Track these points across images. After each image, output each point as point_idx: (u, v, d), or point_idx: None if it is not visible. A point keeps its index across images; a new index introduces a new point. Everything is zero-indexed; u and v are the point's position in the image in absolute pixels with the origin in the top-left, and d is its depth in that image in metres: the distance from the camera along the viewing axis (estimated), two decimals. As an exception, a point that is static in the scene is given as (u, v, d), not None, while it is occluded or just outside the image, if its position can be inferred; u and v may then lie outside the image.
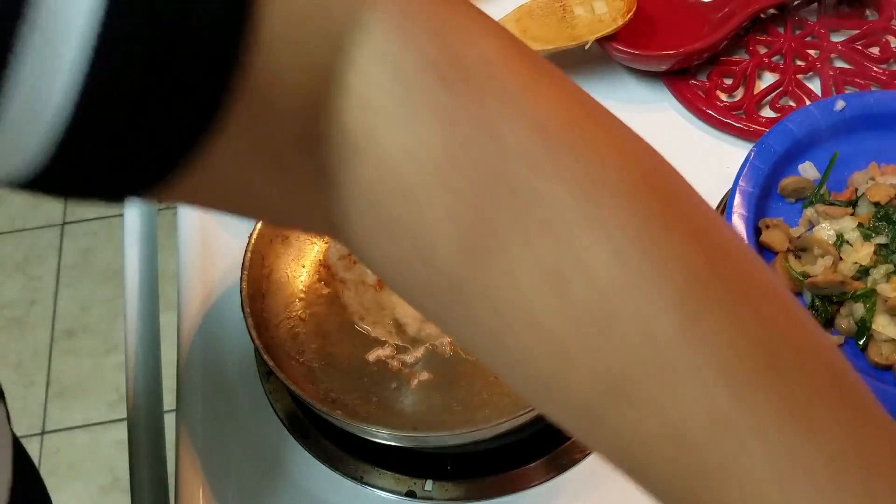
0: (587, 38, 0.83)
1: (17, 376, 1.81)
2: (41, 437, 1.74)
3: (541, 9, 0.85)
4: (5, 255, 1.98)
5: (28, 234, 2.01)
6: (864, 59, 0.87)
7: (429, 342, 0.69)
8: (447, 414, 0.65)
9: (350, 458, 0.65)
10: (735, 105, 0.84)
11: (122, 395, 1.73)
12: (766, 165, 0.74)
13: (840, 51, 0.88)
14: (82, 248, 1.99)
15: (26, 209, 2.04)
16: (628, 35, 0.84)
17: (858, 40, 0.89)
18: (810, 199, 0.74)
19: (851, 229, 0.70)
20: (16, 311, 1.90)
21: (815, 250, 0.70)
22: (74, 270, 1.95)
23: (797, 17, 0.91)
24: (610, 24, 0.83)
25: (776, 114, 0.84)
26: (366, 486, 0.64)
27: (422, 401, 0.66)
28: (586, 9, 0.85)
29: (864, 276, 0.68)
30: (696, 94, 0.85)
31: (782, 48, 0.88)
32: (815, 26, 0.90)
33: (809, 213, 0.73)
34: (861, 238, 0.69)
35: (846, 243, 0.70)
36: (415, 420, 0.65)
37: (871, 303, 0.67)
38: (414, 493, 0.64)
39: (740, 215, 0.71)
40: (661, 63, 0.85)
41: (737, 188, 0.72)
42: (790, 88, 0.85)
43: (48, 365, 1.82)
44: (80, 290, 1.92)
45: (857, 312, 0.67)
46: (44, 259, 1.97)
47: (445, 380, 0.67)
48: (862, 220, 0.70)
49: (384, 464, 0.65)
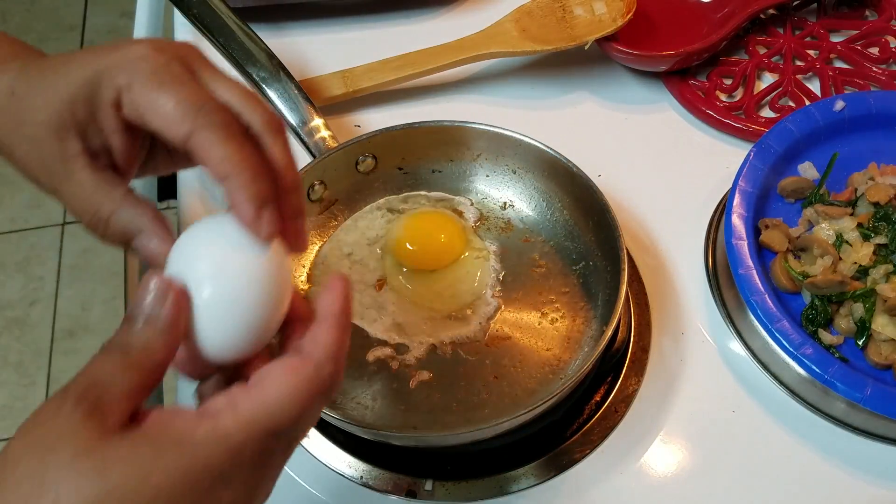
0: (587, 39, 0.83)
1: (18, 376, 1.81)
2: (41, 437, 1.74)
3: (540, 9, 0.85)
4: (6, 255, 1.98)
5: (28, 234, 2.01)
6: (863, 60, 0.87)
7: (429, 342, 0.69)
8: (447, 414, 0.65)
9: (350, 458, 0.65)
10: (735, 105, 0.84)
11: (122, 395, 1.73)
12: (766, 165, 0.74)
13: (839, 51, 0.88)
14: (82, 248, 1.98)
15: (26, 209, 2.04)
16: (628, 35, 0.84)
17: (858, 40, 0.89)
18: (810, 199, 0.74)
19: (851, 229, 0.70)
20: (16, 311, 1.90)
21: (815, 250, 0.70)
22: (74, 270, 1.95)
23: (797, 18, 0.91)
24: (610, 25, 0.83)
25: (776, 114, 0.84)
26: (366, 486, 0.64)
27: (422, 401, 0.66)
28: (586, 9, 0.85)
29: (864, 276, 0.68)
30: (696, 95, 0.85)
31: (782, 48, 0.88)
32: (814, 27, 0.90)
33: (809, 213, 0.73)
34: (860, 238, 0.70)
35: (846, 243, 0.70)
36: (415, 420, 0.65)
37: (870, 303, 0.67)
38: (414, 493, 0.64)
39: (740, 215, 0.71)
40: (660, 63, 0.85)
41: (736, 188, 0.72)
42: (790, 88, 0.85)
43: (48, 365, 1.82)
44: (81, 290, 1.92)
45: (857, 312, 0.67)
46: (44, 259, 1.97)
47: (445, 380, 0.67)
48: (861, 220, 0.70)
49: (384, 464, 0.65)
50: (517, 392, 0.66)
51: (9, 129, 0.47)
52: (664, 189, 0.79)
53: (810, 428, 0.67)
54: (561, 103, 0.86)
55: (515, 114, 0.85)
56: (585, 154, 0.74)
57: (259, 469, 0.38)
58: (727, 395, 0.68)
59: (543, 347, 0.69)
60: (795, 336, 0.65)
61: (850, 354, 0.67)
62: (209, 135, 0.42)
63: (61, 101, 0.45)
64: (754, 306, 0.67)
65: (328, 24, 0.92)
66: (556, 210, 0.75)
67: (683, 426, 0.67)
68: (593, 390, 0.68)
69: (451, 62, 0.84)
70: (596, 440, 0.66)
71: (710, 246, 0.75)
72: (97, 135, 0.46)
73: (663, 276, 0.74)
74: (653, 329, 0.71)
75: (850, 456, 0.66)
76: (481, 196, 0.77)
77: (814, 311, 0.68)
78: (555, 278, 0.72)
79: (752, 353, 0.70)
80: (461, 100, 0.86)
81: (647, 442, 0.66)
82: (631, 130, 0.84)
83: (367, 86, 0.84)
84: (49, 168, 0.46)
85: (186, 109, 0.42)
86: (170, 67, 0.44)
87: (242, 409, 0.38)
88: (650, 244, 0.76)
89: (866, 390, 0.63)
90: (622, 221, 0.68)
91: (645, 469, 0.65)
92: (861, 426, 0.66)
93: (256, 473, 0.38)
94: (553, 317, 0.70)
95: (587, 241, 0.72)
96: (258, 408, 0.38)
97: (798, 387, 0.68)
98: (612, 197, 0.70)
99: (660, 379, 0.69)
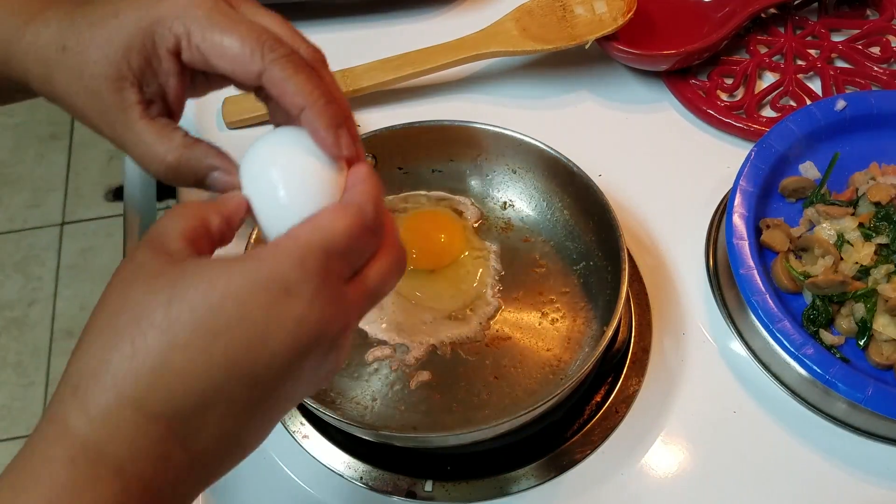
0: (587, 38, 0.83)
1: (17, 376, 1.81)
2: (41, 437, 1.74)
3: (541, 8, 0.85)
4: (5, 255, 1.98)
5: (27, 234, 2.01)
6: (864, 59, 0.87)
7: (429, 342, 0.68)
8: (447, 414, 0.65)
9: (350, 458, 0.65)
10: (735, 105, 0.84)
11: (121, 395, 1.72)
12: (767, 165, 0.73)
13: (841, 50, 0.88)
14: (82, 248, 1.98)
15: (26, 209, 2.04)
16: (628, 35, 0.84)
17: (859, 40, 0.89)
18: (811, 199, 0.74)
19: (852, 229, 0.70)
20: (15, 311, 1.89)
21: (816, 250, 0.70)
22: (74, 270, 1.95)
23: (798, 17, 0.91)
24: (610, 24, 0.83)
25: (777, 113, 0.84)
26: (366, 486, 0.64)
27: (422, 401, 0.66)
28: (586, 8, 0.85)
29: (865, 276, 0.68)
30: (697, 94, 0.84)
31: (783, 48, 0.88)
32: (815, 26, 0.90)
33: (810, 212, 0.73)
34: (862, 238, 0.69)
35: (847, 243, 0.70)
36: (415, 420, 0.65)
37: (871, 303, 0.67)
38: (414, 493, 0.63)
39: (741, 215, 0.71)
40: (661, 63, 0.85)
41: (737, 188, 0.72)
42: (791, 88, 0.85)
43: (48, 365, 1.82)
44: (80, 290, 1.92)
45: (858, 312, 0.67)
46: (43, 259, 1.97)
47: (445, 380, 0.67)
48: (863, 219, 0.70)
49: (384, 464, 0.65)
50: (517, 392, 0.66)
51: (65, 83, 0.50)
52: (665, 189, 0.79)
53: (811, 428, 0.67)
54: (561, 103, 0.86)
55: (515, 113, 0.85)
56: (586, 154, 0.74)
57: (324, 286, 0.40)
58: (728, 395, 0.68)
59: (544, 348, 0.68)
60: (796, 336, 0.65)
61: (851, 355, 0.67)
62: (279, 70, 0.45)
63: (116, 52, 0.47)
64: (755, 306, 0.66)
65: (328, 23, 0.92)
66: (556, 210, 0.75)
67: (684, 427, 0.67)
68: (594, 391, 0.68)
69: (452, 61, 0.84)
70: (596, 441, 0.66)
71: (711, 246, 0.75)
72: (153, 81, 0.49)
73: (664, 276, 0.74)
74: (653, 329, 0.71)
75: (851, 456, 0.66)
76: (481, 196, 0.77)
77: (815, 312, 0.68)
78: (555, 278, 0.72)
79: (753, 354, 0.70)
80: (461, 99, 0.86)
81: (647, 442, 0.66)
82: (631, 130, 0.84)
83: (367, 85, 0.84)
84: (109, 118, 0.49)
85: (252, 49, 0.45)
86: (219, 8, 0.47)
87: (300, 233, 0.41)
88: (651, 244, 0.76)
89: (867, 391, 0.63)
90: (622, 221, 0.68)
91: (646, 470, 0.65)
92: (862, 426, 0.66)
93: (323, 291, 0.40)
94: (553, 317, 0.70)
95: (587, 241, 0.72)
96: (313, 229, 0.41)
97: (799, 387, 0.67)
98: (612, 196, 0.70)
99: (660, 379, 0.69)
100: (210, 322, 0.38)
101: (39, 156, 2.12)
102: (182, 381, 0.37)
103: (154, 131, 0.48)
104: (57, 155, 2.12)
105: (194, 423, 0.38)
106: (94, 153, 2.11)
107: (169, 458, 0.38)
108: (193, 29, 0.46)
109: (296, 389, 0.41)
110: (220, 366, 0.38)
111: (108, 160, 2.09)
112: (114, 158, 2.08)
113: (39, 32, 0.51)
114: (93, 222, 2.03)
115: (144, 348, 0.37)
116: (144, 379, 0.37)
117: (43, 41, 0.51)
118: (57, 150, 2.12)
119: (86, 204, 2.05)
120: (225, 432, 0.39)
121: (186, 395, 0.38)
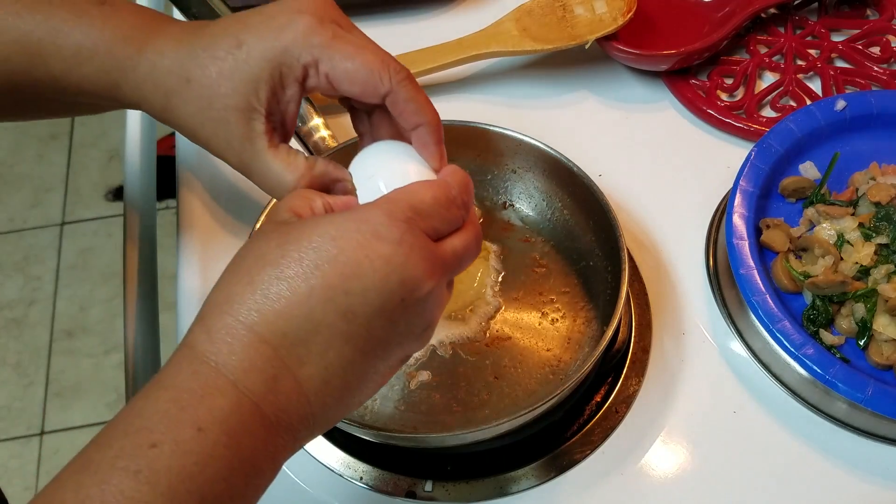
0: (587, 38, 0.83)
1: (17, 376, 1.81)
2: (40, 437, 1.74)
3: (541, 8, 0.85)
4: (5, 255, 1.98)
5: (27, 234, 2.01)
6: (864, 59, 0.87)
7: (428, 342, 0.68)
8: (447, 415, 0.65)
9: (350, 458, 0.65)
10: (735, 105, 0.84)
11: (121, 395, 1.73)
12: (767, 165, 0.73)
13: (841, 50, 0.88)
14: (82, 248, 1.98)
15: (25, 209, 2.04)
16: (628, 35, 0.84)
17: (859, 40, 0.89)
18: (811, 199, 0.74)
19: (852, 229, 0.70)
20: (15, 311, 1.89)
21: (816, 250, 0.70)
22: (74, 270, 1.95)
23: (798, 17, 0.91)
24: (610, 24, 0.83)
25: (777, 113, 0.84)
26: (366, 486, 0.64)
27: (422, 401, 0.66)
28: (586, 8, 0.85)
29: (865, 276, 0.68)
30: (697, 94, 0.84)
31: (783, 48, 0.88)
32: (815, 26, 0.90)
33: (810, 212, 0.73)
34: (862, 238, 0.69)
35: (847, 243, 0.70)
36: (415, 420, 0.65)
37: (871, 303, 0.67)
38: (414, 493, 0.63)
39: (741, 215, 0.71)
40: (661, 63, 0.85)
41: (737, 188, 0.72)
42: (791, 88, 0.85)
43: (47, 365, 1.82)
44: (80, 290, 1.92)
45: (858, 312, 0.67)
46: (43, 259, 1.97)
47: (445, 380, 0.67)
48: (863, 219, 0.70)
49: (384, 464, 0.65)
50: (517, 393, 0.66)
51: (190, 113, 0.52)
52: (665, 189, 0.79)
53: (811, 428, 0.67)
54: (561, 103, 0.86)
55: (515, 113, 0.85)
56: (586, 154, 0.74)
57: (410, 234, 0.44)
58: (728, 395, 0.68)
59: (544, 348, 0.68)
60: (797, 336, 0.65)
61: (851, 355, 0.67)
62: (403, 92, 0.50)
63: (246, 85, 0.50)
64: (755, 306, 0.66)
65: (328, 23, 0.92)
66: (556, 210, 0.75)
67: (684, 427, 0.67)
68: (594, 391, 0.68)
69: (451, 61, 0.84)
70: (596, 441, 0.66)
71: (711, 246, 0.75)
72: (277, 110, 0.52)
73: (664, 276, 0.74)
74: (653, 329, 0.71)
75: (851, 456, 0.66)
76: (481, 196, 0.77)
77: (815, 312, 0.68)
78: (555, 278, 0.72)
79: (753, 354, 0.70)
80: (461, 99, 0.86)
81: (647, 442, 0.66)
82: (632, 130, 0.84)
83: (367, 85, 0.83)
84: (235, 148, 0.52)
85: (381, 73, 0.49)
86: (339, 34, 0.50)
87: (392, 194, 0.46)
88: (651, 244, 0.76)
89: (867, 391, 0.63)
90: (622, 221, 0.68)
91: (646, 470, 0.65)
92: (862, 426, 0.66)
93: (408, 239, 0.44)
94: (553, 317, 0.70)
95: (587, 241, 0.72)
96: (403, 191, 0.46)
97: (799, 387, 0.67)
98: (612, 196, 0.70)
99: (660, 379, 0.69)
100: (311, 256, 0.42)
101: (39, 156, 2.12)
102: (287, 306, 0.42)
103: (280, 160, 0.51)
104: (57, 155, 2.12)
105: (299, 349, 0.42)
106: (94, 153, 2.11)
107: (277, 380, 0.42)
108: (322, 57, 0.50)
109: (391, 338, 0.45)
110: (318, 296, 0.42)
111: (108, 160, 2.09)
112: (114, 158, 2.08)
113: (155, 63, 0.53)
114: (93, 222, 2.03)
115: (259, 280, 0.42)
116: (256, 305, 0.42)
117: (162, 71, 0.52)
118: (57, 150, 2.12)
119: (86, 204, 2.05)
120: (328, 364, 0.43)
121: (290, 320, 0.42)
